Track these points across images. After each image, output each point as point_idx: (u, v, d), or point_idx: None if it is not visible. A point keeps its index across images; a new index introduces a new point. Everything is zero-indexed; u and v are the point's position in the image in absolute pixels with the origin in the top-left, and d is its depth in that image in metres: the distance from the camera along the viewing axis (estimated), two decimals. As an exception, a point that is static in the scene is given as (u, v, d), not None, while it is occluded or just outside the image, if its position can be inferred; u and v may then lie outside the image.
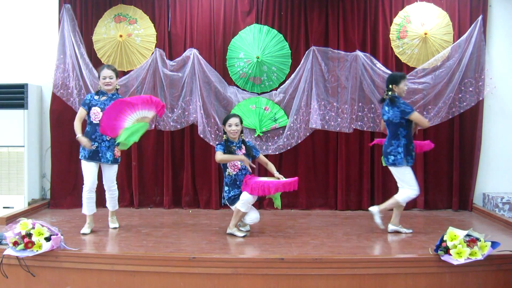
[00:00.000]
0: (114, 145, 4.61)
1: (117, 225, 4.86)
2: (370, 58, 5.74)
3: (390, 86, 4.57)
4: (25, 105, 5.74)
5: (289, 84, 5.81)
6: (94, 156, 4.57)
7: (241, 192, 4.49)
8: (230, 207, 4.62)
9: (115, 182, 4.80)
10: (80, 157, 4.63)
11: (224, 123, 4.63)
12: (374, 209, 4.68)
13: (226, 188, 4.61)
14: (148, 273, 3.77)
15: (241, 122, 4.67)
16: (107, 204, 4.85)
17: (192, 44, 5.85)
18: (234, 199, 4.53)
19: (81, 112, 4.61)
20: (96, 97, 4.62)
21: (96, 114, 4.54)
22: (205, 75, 5.78)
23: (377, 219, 4.65)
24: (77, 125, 4.58)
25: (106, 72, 4.58)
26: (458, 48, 5.70)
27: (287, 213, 5.73)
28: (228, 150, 4.53)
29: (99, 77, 4.64)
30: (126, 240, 4.41)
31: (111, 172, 4.72)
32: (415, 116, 4.51)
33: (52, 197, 5.94)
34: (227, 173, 4.58)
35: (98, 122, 4.50)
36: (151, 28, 5.87)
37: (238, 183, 4.55)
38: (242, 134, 4.69)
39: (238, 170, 4.54)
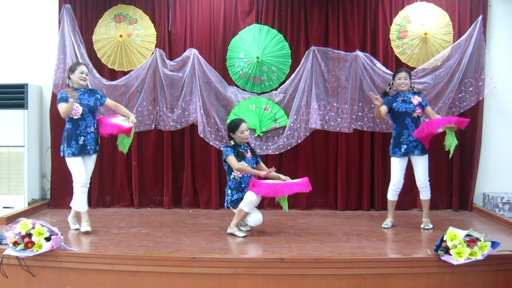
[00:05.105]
0: (97, 134, 4.72)
1: (90, 228, 4.63)
2: (370, 58, 5.74)
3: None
4: (25, 105, 5.74)
5: (289, 84, 5.81)
6: (82, 150, 4.61)
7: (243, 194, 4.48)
8: (233, 210, 4.60)
9: None
10: (66, 155, 4.59)
11: (233, 130, 4.56)
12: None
13: (229, 192, 4.58)
14: (148, 273, 3.77)
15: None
16: (83, 203, 4.63)
17: (192, 44, 5.85)
18: (237, 202, 4.51)
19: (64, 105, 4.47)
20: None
21: (76, 109, 4.54)
22: (205, 75, 5.78)
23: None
24: (66, 106, 4.43)
25: (84, 68, 4.65)
26: (458, 48, 5.70)
27: (287, 213, 5.72)
28: (239, 154, 4.51)
29: (73, 72, 4.61)
30: (126, 240, 4.41)
31: (92, 166, 4.76)
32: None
33: (52, 197, 5.95)
34: (232, 177, 4.55)
35: (79, 117, 4.56)
36: (151, 28, 5.87)
37: (243, 185, 4.54)
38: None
39: (244, 173, 4.53)
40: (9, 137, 5.74)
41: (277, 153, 5.84)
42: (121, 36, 5.79)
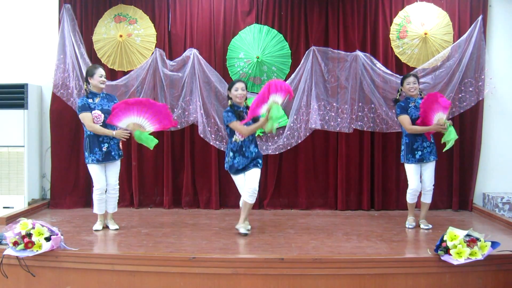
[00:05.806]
0: (119, 139, 4.66)
1: (117, 226, 4.84)
2: (370, 58, 5.74)
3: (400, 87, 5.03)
4: (25, 105, 5.74)
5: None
6: (107, 157, 4.64)
7: (245, 164, 4.48)
8: (232, 176, 4.61)
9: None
10: (91, 161, 4.59)
11: (229, 88, 4.59)
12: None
13: (231, 154, 4.55)
14: (148, 273, 3.77)
15: (246, 87, 4.67)
16: (108, 206, 4.81)
17: (192, 44, 5.85)
18: (237, 171, 4.52)
19: (89, 116, 4.51)
20: (90, 101, 4.58)
21: (98, 117, 4.54)
22: (205, 75, 5.78)
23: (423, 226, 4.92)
24: (99, 127, 4.52)
25: (102, 70, 4.63)
26: (458, 48, 5.70)
27: (287, 213, 5.73)
28: (237, 114, 4.49)
29: (92, 76, 4.57)
30: (126, 240, 4.41)
31: (117, 169, 4.79)
32: (400, 119, 4.85)
33: (52, 197, 5.94)
34: (233, 139, 4.54)
35: (101, 124, 4.55)
36: (151, 28, 5.87)
37: (244, 149, 4.53)
38: (246, 100, 4.66)
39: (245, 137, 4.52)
40: (9, 137, 5.74)
41: (277, 153, 5.84)
42: (121, 36, 5.79)
